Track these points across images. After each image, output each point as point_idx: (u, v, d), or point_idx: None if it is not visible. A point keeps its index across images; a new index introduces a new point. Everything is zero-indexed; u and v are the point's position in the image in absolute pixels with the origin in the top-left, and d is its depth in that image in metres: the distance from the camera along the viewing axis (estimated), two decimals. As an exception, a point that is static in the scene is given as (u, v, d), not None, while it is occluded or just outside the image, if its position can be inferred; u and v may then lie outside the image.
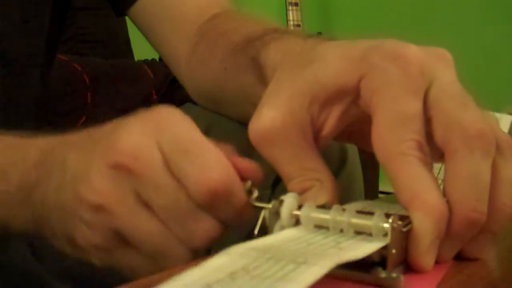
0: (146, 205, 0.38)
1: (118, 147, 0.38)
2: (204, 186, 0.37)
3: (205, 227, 0.39)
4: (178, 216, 0.38)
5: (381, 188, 1.93)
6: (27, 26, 0.68)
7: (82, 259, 0.41)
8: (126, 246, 0.39)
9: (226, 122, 0.67)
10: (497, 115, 0.56)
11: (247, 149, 0.40)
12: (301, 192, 0.38)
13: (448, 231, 0.35)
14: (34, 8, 0.69)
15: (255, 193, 0.39)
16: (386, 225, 0.33)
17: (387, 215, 0.34)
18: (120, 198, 0.38)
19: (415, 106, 0.36)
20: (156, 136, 0.39)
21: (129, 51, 1.60)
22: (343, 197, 0.41)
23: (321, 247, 0.32)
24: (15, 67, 0.68)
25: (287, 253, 0.30)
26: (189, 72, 0.68)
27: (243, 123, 0.40)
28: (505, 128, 0.58)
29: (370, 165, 0.34)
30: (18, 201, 0.43)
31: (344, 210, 0.35)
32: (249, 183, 0.39)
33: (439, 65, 0.37)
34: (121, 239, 0.39)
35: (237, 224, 0.40)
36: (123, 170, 0.38)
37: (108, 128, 0.41)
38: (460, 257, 0.38)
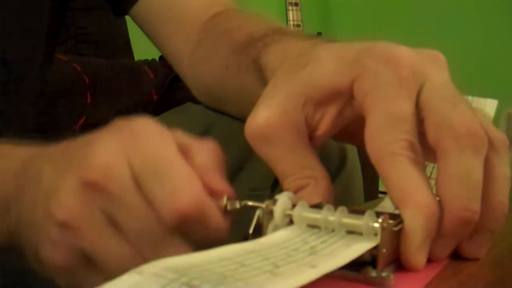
0: (115, 225, 0.37)
1: (89, 163, 0.37)
2: (173, 209, 0.36)
3: (176, 251, 0.37)
4: (148, 240, 0.37)
5: (381, 188, 1.94)
6: (26, 27, 0.68)
7: (48, 276, 0.40)
8: (90, 267, 0.38)
9: (226, 121, 0.67)
10: (482, 100, 0.57)
11: (247, 148, 0.40)
12: (296, 191, 0.39)
13: (440, 230, 0.35)
14: (33, 8, 0.69)
15: (236, 204, 0.38)
16: (376, 225, 0.33)
17: (378, 214, 0.34)
18: (88, 216, 0.37)
19: (407, 107, 0.36)
20: (128, 153, 0.37)
21: (129, 51, 1.59)
22: (343, 197, 0.42)
23: (294, 257, 0.31)
24: (14, 67, 0.68)
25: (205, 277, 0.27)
26: (192, 70, 0.68)
27: (244, 122, 0.40)
28: (491, 112, 0.58)
29: (370, 165, 0.34)
30: None
31: (336, 209, 0.35)
32: (224, 199, 0.38)
33: (431, 66, 0.38)
34: (86, 259, 0.38)
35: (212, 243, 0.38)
36: (93, 188, 0.37)
37: (83, 141, 0.40)
38: (460, 257, 0.38)
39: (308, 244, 0.33)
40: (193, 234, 0.37)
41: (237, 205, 0.38)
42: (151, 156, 0.37)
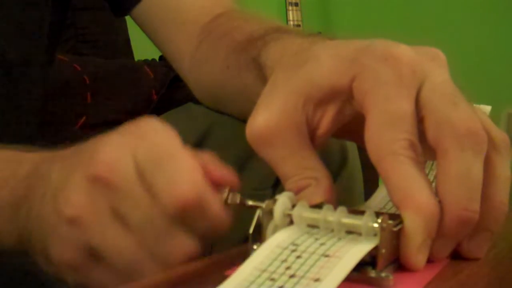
0: (121, 219, 0.38)
1: (95, 159, 0.38)
2: (174, 197, 0.37)
3: (180, 244, 0.38)
4: (152, 232, 0.37)
5: (381, 188, 1.93)
6: (26, 27, 0.68)
7: (57, 274, 0.40)
8: (98, 263, 0.39)
9: (227, 122, 0.67)
10: (475, 106, 0.57)
11: (247, 148, 0.40)
12: (298, 191, 0.39)
13: (440, 230, 0.35)
14: (34, 8, 0.69)
15: (236, 198, 0.38)
16: (375, 225, 0.33)
17: (378, 214, 0.34)
18: (95, 211, 0.38)
19: (407, 106, 0.36)
20: (133, 148, 0.38)
21: (129, 51, 1.59)
22: (343, 197, 0.42)
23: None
24: (14, 68, 0.68)
25: None
26: (193, 70, 0.68)
27: (245, 122, 0.40)
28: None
29: (370, 165, 0.34)
30: (7, 217, 0.43)
31: (335, 209, 0.35)
32: (226, 191, 0.39)
33: (431, 65, 0.38)
34: (93, 255, 0.38)
35: (214, 236, 0.39)
36: (100, 183, 0.38)
37: (92, 141, 0.40)
38: (460, 257, 0.38)
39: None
40: (196, 226, 0.38)
41: (237, 199, 0.38)
42: (154, 149, 0.38)
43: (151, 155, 0.38)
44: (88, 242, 0.38)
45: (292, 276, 0.30)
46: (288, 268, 0.31)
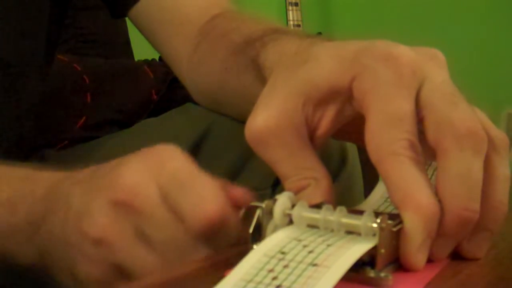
0: (146, 239, 0.39)
1: (118, 184, 0.40)
2: (199, 218, 0.39)
3: (199, 256, 0.39)
4: (176, 250, 0.39)
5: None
6: (26, 27, 0.68)
7: None
8: (124, 278, 0.40)
9: (226, 122, 0.67)
10: None
11: (247, 148, 0.40)
12: (297, 191, 0.39)
13: (440, 230, 0.35)
14: (32, 9, 0.69)
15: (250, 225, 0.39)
16: (374, 225, 0.33)
17: (377, 214, 0.34)
18: (120, 232, 0.39)
19: (407, 106, 0.36)
20: (155, 172, 0.40)
21: (129, 51, 1.59)
22: (343, 197, 0.42)
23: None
24: (14, 68, 0.68)
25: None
26: (191, 72, 0.68)
27: (244, 123, 0.40)
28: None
29: (370, 165, 0.34)
30: (26, 235, 0.44)
31: (335, 209, 0.35)
32: (242, 211, 0.40)
33: (431, 65, 0.38)
34: (120, 273, 0.40)
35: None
36: (123, 206, 0.39)
37: (110, 165, 0.42)
38: (460, 257, 0.38)
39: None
40: (216, 241, 0.40)
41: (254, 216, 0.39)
42: (176, 173, 0.40)
43: (173, 178, 0.40)
44: (115, 261, 0.40)
45: (278, 286, 0.30)
46: (274, 278, 0.30)
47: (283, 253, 0.32)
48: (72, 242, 0.41)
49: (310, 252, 0.32)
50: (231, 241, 0.40)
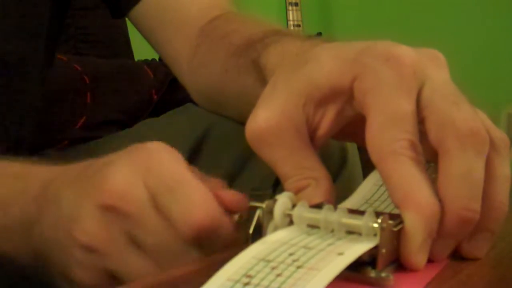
0: (136, 244, 0.39)
1: (106, 188, 0.39)
2: (190, 224, 0.38)
3: (191, 260, 0.39)
4: (168, 254, 0.39)
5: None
6: (26, 27, 0.68)
7: None
8: (117, 281, 0.40)
9: (226, 122, 0.67)
10: None
11: (247, 148, 0.40)
12: (297, 191, 0.39)
13: (441, 230, 0.35)
14: (33, 9, 0.69)
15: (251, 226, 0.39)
16: (375, 225, 0.33)
17: (378, 214, 0.34)
18: (110, 238, 0.39)
19: (408, 106, 0.36)
20: (144, 175, 0.39)
21: (129, 51, 1.59)
22: (343, 197, 0.42)
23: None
24: (14, 68, 0.68)
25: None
26: (191, 74, 0.68)
27: (244, 124, 0.40)
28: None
29: (370, 165, 0.34)
30: (19, 235, 0.44)
31: (335, 209, 0.35)
32: (237, 216, 0.40)
33: (432, 66, 0.38)
34: (113, 277, 0.40)
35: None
36: (112, 211, 0.39)
37: (100, 164, 0.41)
38: (460, 257, 0.38)
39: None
40: (209, 246, 0.39)
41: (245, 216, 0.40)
42: (165, 176, 0.39)
43: (162, 182, 0.39)
44: (107, 267, 0.39)
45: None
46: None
47: (249, 276, 0.30)
48: (63, 246, 0.41)
49: (278, 275, 0.30)
50: (225, 244, 0.40)
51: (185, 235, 0.38)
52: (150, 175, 0.39)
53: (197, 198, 0.39)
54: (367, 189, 0.42)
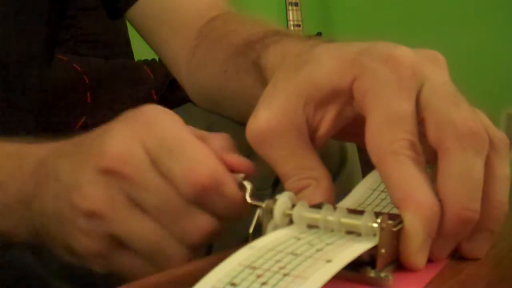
0: (139, 206, 0.39)
1: (105, 152, 0.39)
2: (191, 182, 0.38)
3: (199, 222, 0.39)
4: (171, 214, 0.39)
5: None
6: (24, 27, 0.68)
7: (83, 264, 0.41)
8: (124, 250, 0.40)
9: (226, 122, 0.67)
10: None
11: (247, 149, 0.40)
12: (298, 191, 0.39)
13: (440, 230, 0.35)
14: (32, 9, 0.69)
15: (248, 186, 0.40)
16: (375, 225, 0.33)
17: (377, 215, 0.34)
18: (112, 202, 0.39)
19: (407, 107, 0.36)
20: (142, 137, 0.39)
21: (129, 51, 1.59)
22: (342, 197, 0.42)
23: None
24: (13, 68, 0.68)
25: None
26: (189, 75, 0.68)
27: (244, 125, 0.40)
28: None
29: (370, 165, 0.34)
30: (18, 213, 0.44)
31: (335, 209, 0.35)
32: (240, 175, 0.40)
33: (431, 66, 0.38)
34: (118, 243, 0.40)
35: (235, 220, 0.40)
36: (112, 175, 0.39)
37: (96, 133, 0.41)
38: (460, 257, 0.38)
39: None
40: (213, 206, 0.39)
41: (249, 185, 0.40)
42: (164, 137, 0.39)
43: (162, 143, 0.39)
44: (110, 232, 0.39)
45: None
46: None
47: (233, 284, 0.29)
48: (65, 217, 0.40)
49: (264, 284, 0.29)
50: (229, 206, 0.39)
51: (187, 194, 0.38)
52: (149, 136, 0.39)
53: (198, 156, 0.38)
54: (361, 192, 0.42)
